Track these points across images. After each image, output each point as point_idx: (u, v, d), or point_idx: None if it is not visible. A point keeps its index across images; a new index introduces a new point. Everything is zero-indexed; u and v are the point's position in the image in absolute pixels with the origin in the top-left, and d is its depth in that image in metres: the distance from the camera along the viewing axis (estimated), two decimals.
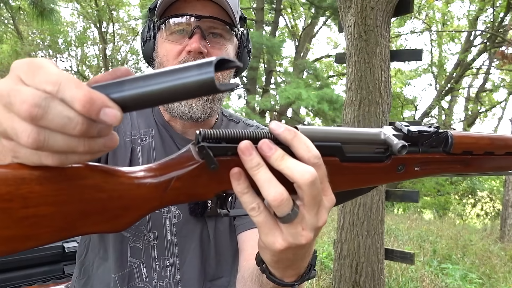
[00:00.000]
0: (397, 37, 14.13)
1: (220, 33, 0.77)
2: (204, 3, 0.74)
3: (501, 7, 9.80)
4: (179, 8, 0.74)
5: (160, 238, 0.78)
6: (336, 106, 9.57)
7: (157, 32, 0.79)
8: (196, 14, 0.73)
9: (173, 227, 0.79)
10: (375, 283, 2.60)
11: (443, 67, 14.41)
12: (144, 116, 0.85)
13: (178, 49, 0.75)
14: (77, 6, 15.33)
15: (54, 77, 0.30)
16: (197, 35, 0.73)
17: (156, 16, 0.77)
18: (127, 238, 0.79)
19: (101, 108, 0.30)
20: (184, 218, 0.80)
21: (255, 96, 10.84)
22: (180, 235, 0.80)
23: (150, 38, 0.80)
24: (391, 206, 11.89)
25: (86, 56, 16.88)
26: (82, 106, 0.30)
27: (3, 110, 0.31)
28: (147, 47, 0.81)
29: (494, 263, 4.68)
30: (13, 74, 0.32)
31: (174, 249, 0.79)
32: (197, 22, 0.73)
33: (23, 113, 0.30)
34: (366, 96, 2.61)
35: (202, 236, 0.81)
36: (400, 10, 2.70)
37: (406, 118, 13.78)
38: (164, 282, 0.78)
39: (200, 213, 0.79)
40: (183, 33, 0.75)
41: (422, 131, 0.49)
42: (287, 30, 16.76)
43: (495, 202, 12.76)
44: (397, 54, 2.76)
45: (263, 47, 10.32)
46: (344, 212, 2.69)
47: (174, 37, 0.76)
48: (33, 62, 0.32)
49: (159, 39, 0.79)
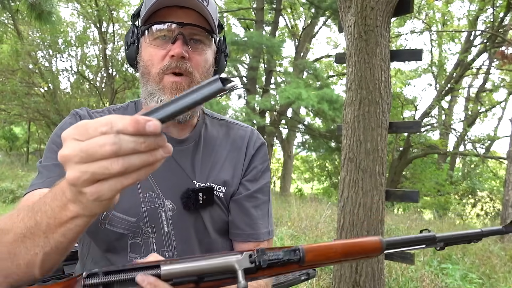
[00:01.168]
0: (397, 37, 14.15)
1: (200, 39, 0.82)
2: (186, 11, 0.79)
3: (501, 7, 9.80)
4: (163, 16, 0.79)
5: (158, 231, 0.82)
6: (336, 106, 9.58)
7: (141, 37, 0.84)
8: (179, 22, 0.78)
9: (169, 220, 0.83)
10: (375, 283, 2.60)
11: (443, 67, 14.41)
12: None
13: (162, 54, 0.79)
14: (77, 6, 15.35)
15: (104, 121, 0.41)
16: (180, 41, 0.78)
17: (141, 22, 0.82)
18: (127, 235, 0.81)
19: (145, 123, 0.40)
20: (178, 211, 0.84)
21: (255, 96, 10.84)
22: (176, 227, 0.83)
23: (134, 42, 0.84)
24: (391, 206, 11.89)
25: (86, 56, 16.89)
26: (133, 127, 0.40)
27: (81, 165, 0.41)
28: (131, 50, 0.85)
29: (494, 263, 4.68)
30: (67, 141, 0.43)
31: (172, 241, 0.83)
32: (179, 29, 0.78)
33: (109, 153, 0.40)
34: (366, 96, 2.61)
35: (197, 226, 0.85)
36: (400, 10, 2.69)
37: (406, 118, 13.79)
38: None
39: (193, 206, 0.83)
40: (166, 38, 0.80)
41: (273, 260, 0.55)
42: (287, 30, 16.76)
43: (495, 202, 12.76)
44: (397, 54, 2.76)
45: (263, 47, 10.32)
46: (344, 212, 2.69)
47: (158, 42, 0.80)
48: (77, 125, 0.43)
49: (143, 44, 0.83)
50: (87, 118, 0.84)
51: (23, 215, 0.56)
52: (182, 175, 0.85)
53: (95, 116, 0.86)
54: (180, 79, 0.79)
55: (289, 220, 6.53)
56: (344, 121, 2.76)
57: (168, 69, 0.78)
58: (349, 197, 2.67)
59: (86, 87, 18.06)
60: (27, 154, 19.52)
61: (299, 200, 10.45)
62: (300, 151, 17.59)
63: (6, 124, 18.22)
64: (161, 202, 0.83)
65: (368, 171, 2.60)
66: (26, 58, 14.26)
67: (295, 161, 20.09)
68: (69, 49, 15.91)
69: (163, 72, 0.79)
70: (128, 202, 0.81)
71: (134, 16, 0.87)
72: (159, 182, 0.83)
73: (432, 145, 13.18)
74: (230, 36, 9.99)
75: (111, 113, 0.88)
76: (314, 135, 13.43)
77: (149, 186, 0.83)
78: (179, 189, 0.83)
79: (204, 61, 0.82)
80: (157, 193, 0.83)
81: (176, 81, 0.79)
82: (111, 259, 0.82)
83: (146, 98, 0.82)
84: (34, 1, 4.02)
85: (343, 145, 2.77)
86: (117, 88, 15.99)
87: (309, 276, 1.73)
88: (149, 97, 0.81)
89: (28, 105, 14.91)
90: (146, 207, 0.82)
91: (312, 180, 21.08)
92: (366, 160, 2.61)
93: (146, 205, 0.82)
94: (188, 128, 0.90)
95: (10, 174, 10.47)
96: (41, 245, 0.54)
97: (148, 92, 0.81)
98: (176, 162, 0.85)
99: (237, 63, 13.10)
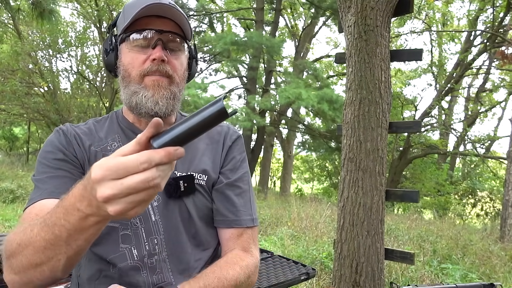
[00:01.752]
0: (397, 37, 14.14)
1: (176, 45, 0.89)
2: (163, 20, 0.87)
3: (501, 7, 9.79)
4: (144, 24, 0.86)
5: (146, 221, 0.87)
6: (336, 106, 9.58)
7: (119, 44, 0.90)
8: (159, 29, 0.85)
9: (155, 209, 0.88)
10: (375, 283, 2.60)
11: (443, 67, 14.40)
12: (107, 128, 0.95)
13: (142, 58, 0.86)
14: (77, 6, 15.34)
15: (142, 159, 0.48)
16: (159, 46, 0.86)
17: (121, 30, 0.88)
18: (117, 227, 0.85)
19: (175, 153, 0.49)
20: (163, 200, 0.89)
21: (255, 96, 10.83)
22: (162, 215, 0.88)
23: (113, 49, 0.91)
24: (391, 206, 11.89)
25: (86, 56, 16.87)
26: (168, 158, 0.49)
27: (126, 198, 0.49)
28: (110, 57, 0.92)
29: (494, 263, 4.68)
30: (104, 183, 0.49)
31: (159, 228, 0.88)
32: (159, 35, 0.86)
33: (155, 184, 0.49)
34: (366, 96, 2.61)
35: (182, 213, 0.90)
36: (400, 10, 2.69)
37: (406, 118, 13.78)
38: (154, 258, 0.87)
39: (174, 194, 0.88)
40: (146, 45, 0.86)
41: None
42: (287, 30, 16.76)
43: (495, 202, 12.75)
44: (397, 54, 2.76)
45: (263, 47, 10.31)
46: (344, 212, 2.69)
47: (138, 48, 0.87)
48: (108, 167, 0.49)
49: (123, 50, 0.89)
50: (71, 132, 0.91)
51: (38, 230, 0.60)
52: None
53: (80, 129, 0.93)
54: (161, 78, 0.86)
55: (289, 220, 6.52)
56: (344, 121, 2.76)
57: (149, 72, 0.85)
58: (349, 197, 2.67)
59: (86, 87, 18.05)
60: (27, 154, 19.50)
61: (299, 200, 10.44)
62: (300, 151, 17.60)
63: (6, 124, 18.21)
64: None
65: (368, 171, 2.60)
66: (26, 58, 14.25)
67: (295, 161, 20.09)
68: (69, 49, 15.90)
69: (144, 75, 0.85)
70: None
71: (112, 26, 0.95)
72: None
73: (432, 145, 13.18)
74: (230, 36, 9.98)
75: (94, 125, 0.96)
76: (314, 135, 13.42)
77: None
78: None
79: (180, 64, 0.90)
80: None
81: (157, 79, 0.85)
82: (102, 253, 0.85)
83: (129, 97, 0.87)
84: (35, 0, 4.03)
85: (343, 145, 2.77)
86: (117, 88, 15.97)
87: (309, 276, 1.73)
88: (133, 95, 0.86)
89: (28, 105, 14.90)
90: None
91: (312, 180, 21.08)
92: (366, 160, 2.61)
93: None
94: (167, 125, 0.92)
95: (10, 174, 10.46)
96: (64, 251, 0.59)
97: (131, 92, 0.87)
98: None
99: (237, 63, 13.10)
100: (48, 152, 0.86)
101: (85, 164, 0.88)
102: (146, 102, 0.85)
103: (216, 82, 12.37)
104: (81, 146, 0.89)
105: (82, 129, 0.93)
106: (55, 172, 0.83)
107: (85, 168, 0.87)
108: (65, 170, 0.84)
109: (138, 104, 0.86)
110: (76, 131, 0.91)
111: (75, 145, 0.88)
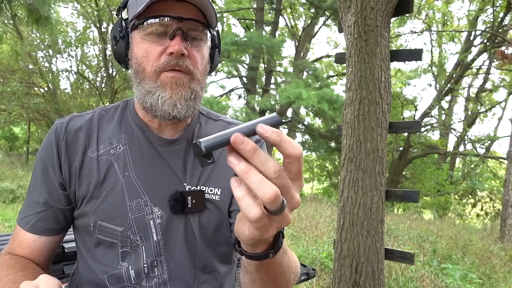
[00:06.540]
0: (397, 37, 14.13)
1: (198, 34, 0.76)
2: (183, 4, 0.73)
3: (501, 7, 9.79)
4: (160, 9, 0.72)
5: (147, 240, 0.79)
6: (336, 106, 9.57)
7: (131, 31, 0.77)
8: (178, 16, 0.72)
9: (158, 227, 0.80)
10: (375, 283, 2.60)
11: (443, 67, 14.40)
12: (115, 123, 0.84)
13: (158, 51, 0.73)
14: (77, 6, 15.33)
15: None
16: (179, 36, 0.72)
17: (133, 16, 0.74)
18: (117, 244, 0.79)
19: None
20: (167, 217, 0.80)
21: (255, 96, 10.83)
22: (165, 234, 0.80)
23: (123, 37, 0.77)
24: (391, 206, 11.88)
25: (86, 56, 16.88)
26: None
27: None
28: (119, 46, 0.78)
29: (494, 263, 4.68)
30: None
31: (160, 249, 0.80)
32: (178, 24, 0.72)
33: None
34: (366, 96, 2.61)
35: (187, 232, 0.81)
36: (400, 10, 2.69)
37: (406, 118, 13.78)
38: (153, 282, 0.80)
39: (180, 210, 0.79)
40: (162, 33, 0.74)
41: None
42: (287, 30, 16.75)
43: (495, 202, 12.75)
44: (397, 54, 2.76)
45: (263, 47, 10.30)
46: (344, 212, 2.69)
47: (153, 37, 0.74)
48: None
49: (135, 39, 0.76)
50: (63, 135, 0.80)
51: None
52: (172, 178, 0.81)
53: (80, 124, 0.82)
54: (180, 74, 0.73)
55: None
56: (344, 121, 2.76)
57: (167, 67, 0.73)
58: (349, 197, 2.67)
59: (86, 87, 18.05)
60: (27, 154, 19.49)
61: None
62: None
63: (6, 124, 18.20)
64: (149, 209, 0.79)
65: (368, 171, 2.60)
66: (26, 59, 14.25)
67: None
68: (69, 49, 15.91)
69: (160, 70, 0.73)
70: (114, 211, 0.78)
71: (121, 8, 0.80)
72: (147, 189, 0.80)
73: (432, 145, 13.17)
74: (230, 36, 9.98)
75: (101, 113, 0.86)
76: (314, 135, 13.42)
77: (136, 193, 0.79)
78: (168, 193, 0.80)
79: (202, 58, 0.77)
80: (144, 200, 0.79)
81: (176, 75, 0.73)
82: (103, 269, 0.80)
83: (143, 97, 0.75)
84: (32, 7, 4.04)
85: (343, 145, 2.77)
86: (117, 88, 15.98)
87: (309, 276, 1.73)
88: (147, 95, 0.74)
89: (28, 105, 14.90)
90: (133, 215, 0.78)
91: (312, 180, 21.05)
92: (366, 160, 2.61)
93: (133, 213, 0.78)
94: (181, 127, 0.85)
95: (10, 174, 10.45)
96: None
97: (146, 91, 0.75)
98: (167, 163, 0.82)
99: (237, 63, 13.09)
100: (39, 159, 0.82)
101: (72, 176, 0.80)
102: (163, 105, 0.73)
103: (216, 82, 12.37)
104: (70, 155, 0.80)
105: (83, 124, 0.82)
106: (41, 186, 0.81)
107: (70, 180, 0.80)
108: (49, 184, 0.81)
109: (153, 106, 0.74)
110: (72, 131, 0.81)
111: (62, 156, 0.79)
